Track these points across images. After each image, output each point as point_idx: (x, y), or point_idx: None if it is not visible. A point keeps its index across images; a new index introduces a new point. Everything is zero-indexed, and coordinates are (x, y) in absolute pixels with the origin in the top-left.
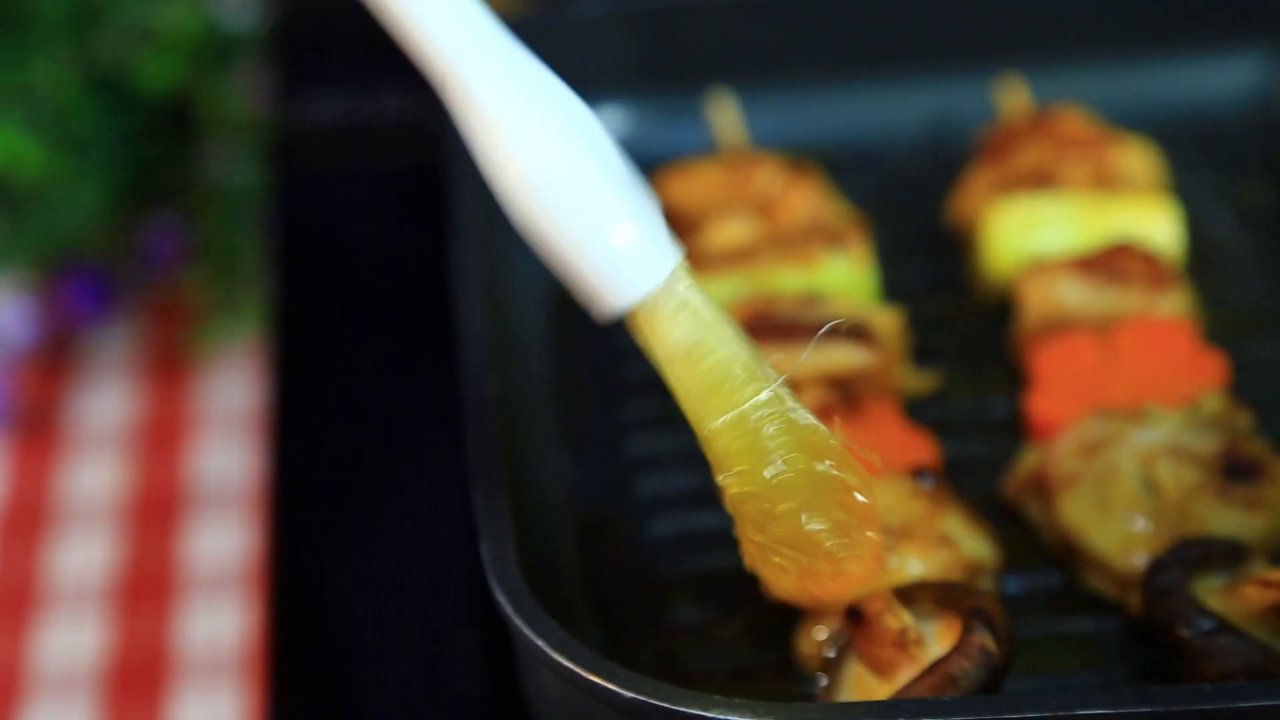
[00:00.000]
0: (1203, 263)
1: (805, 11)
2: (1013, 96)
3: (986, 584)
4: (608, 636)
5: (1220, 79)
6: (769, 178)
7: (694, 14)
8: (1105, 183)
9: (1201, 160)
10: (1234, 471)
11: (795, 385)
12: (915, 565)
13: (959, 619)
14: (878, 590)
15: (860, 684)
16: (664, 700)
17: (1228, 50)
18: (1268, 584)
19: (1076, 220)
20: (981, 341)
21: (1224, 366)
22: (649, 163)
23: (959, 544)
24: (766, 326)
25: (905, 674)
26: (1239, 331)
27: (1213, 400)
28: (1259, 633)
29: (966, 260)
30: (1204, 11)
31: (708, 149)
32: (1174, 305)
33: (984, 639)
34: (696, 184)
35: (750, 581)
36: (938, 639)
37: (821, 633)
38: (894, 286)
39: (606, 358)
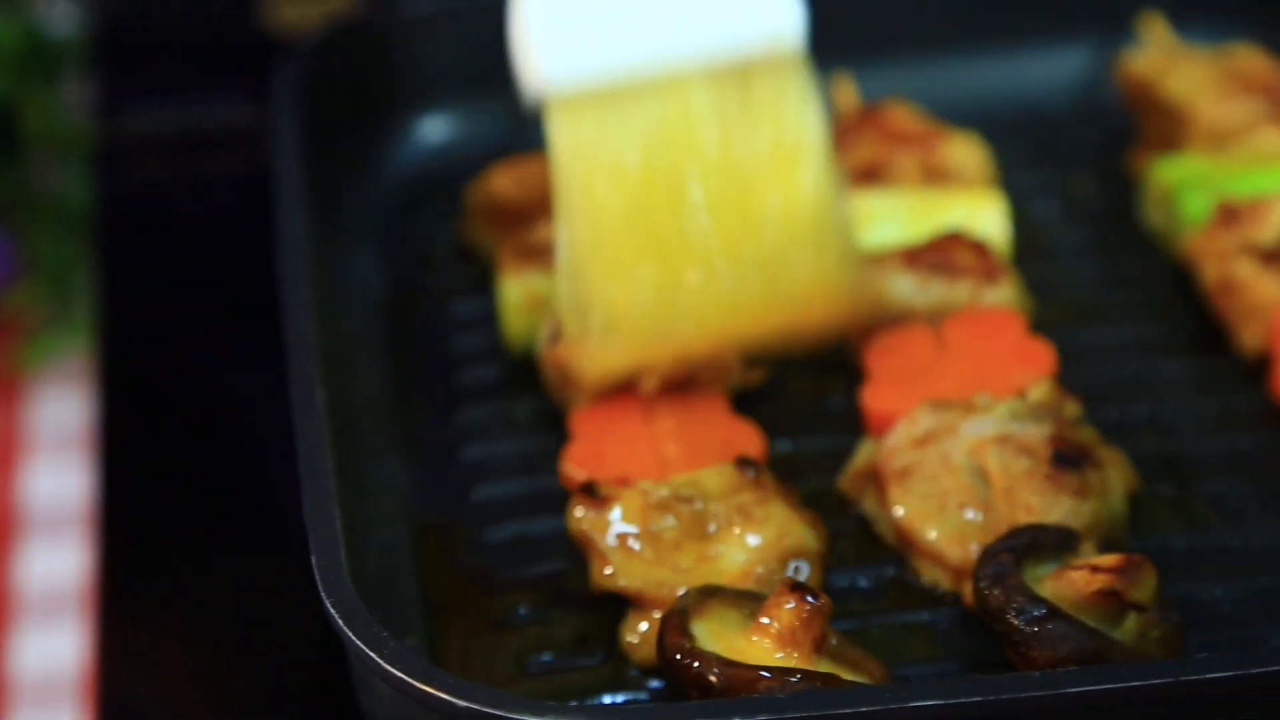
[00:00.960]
0: (1031, 253)
1: None
2: (842, 94)
3: (809, 570)
4: (444, 643)
5: (1047, 72)
6: None
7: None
8: (934, 177)
9: (1029, 153)
10: (1062, 459)
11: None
12: (737, 552)
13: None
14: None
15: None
16: (497, 708)
17: (1055, 44)
18: (1096, 569)
19: (906, 214)
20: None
21: (1052, 356)
22: (483, 163)
23: (781, 531)
24: None
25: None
26: (1067, 321)
27: (1041, 389)
28: (1088, 618)
29: None
30: (1030, 7)
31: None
32: (1002, 296)
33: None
34: (525, 178)
35: (585, 585)
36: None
37: (641, 626)
38: None
39: (442, 365)
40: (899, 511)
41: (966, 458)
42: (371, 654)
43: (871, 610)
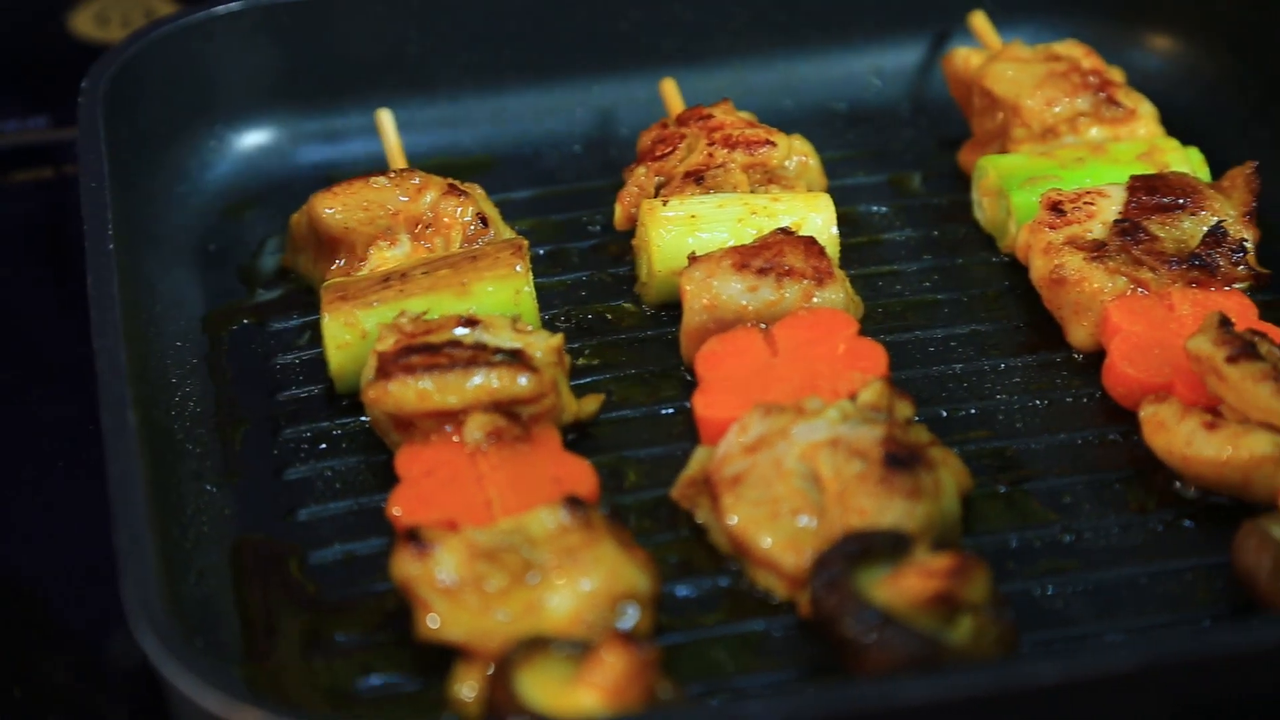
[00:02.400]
0: (862, 253)
1: (460, 13)
2: (671, 98)
3: (640, 614)
4: (268, 670)
5: (877, 72)
6: (426, 198)
7: (343, 11)
8: (763, 178)
9: (860, 152)
10: (894, 461)
11: (459, 411)
12: (566, 598)
13: None
14: None
15: None
16: None
17: (884, 44)
18: (929, 573)
19: (736, 217)
20: (653, 344)
21: (883, 356)
22: (302, 177)
23: (611, 574)
24: (424, 351)
25: None
26: (899, 320)
27: (872, 390)
28: (924, 621)
29: (634, 262)
30: (859, 7)
31: (364, 163)
32: (832, 298)
33: None
34: (351, 205)
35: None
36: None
37: (471, 680)
38: (564, 295)
39: (265, 384)
40: (732, 520)
41: (799, 462)
42: (187, 685)
43: (707, 622)
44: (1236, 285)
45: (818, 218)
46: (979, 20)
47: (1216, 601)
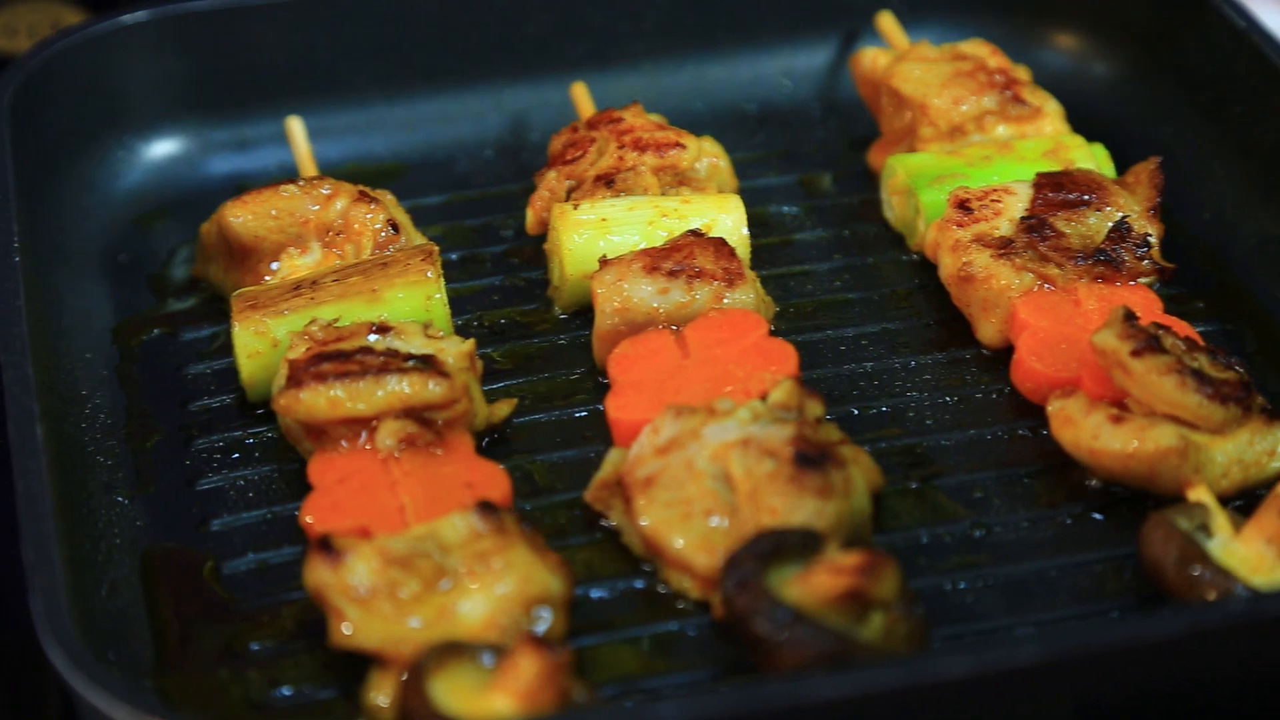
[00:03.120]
0: (773, 253)
1: (370, 20)
2: (581, 101)
3: (553, 617)
4: (181, 681)
5: (787, 73)
6: (337, 206)
7: (252, 19)
8: (674, 180)
9: (771, 153)
10: (804, 460)
11: (371, 418)
12: (479, 603)
13: None
14: None
15: None
16: None
17: (794, 45)
18: (840, 570)
19: (646, 219)
20: (566, 347)
21: (793, 356)
22: (212, 187)
23: (524, 578)
24: (335, 359)
25: None
26: (810, 320)
27: (782, 390)
28: (834, 619)
29: (546, 266)
30: (768, 9)
31: (275, 172)
32: (743, 298)
33: None
34: (262, 213)
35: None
36: None
37: (385, 686)
38: (477, 300)
39: (176, 394)
40: (644, 522)
41: (710, 463)
42: (99, 699)
43: (621, 624)
44: (1142, 280)
45: (728, 219)
46: (886, 20)
47: (1125, 593)
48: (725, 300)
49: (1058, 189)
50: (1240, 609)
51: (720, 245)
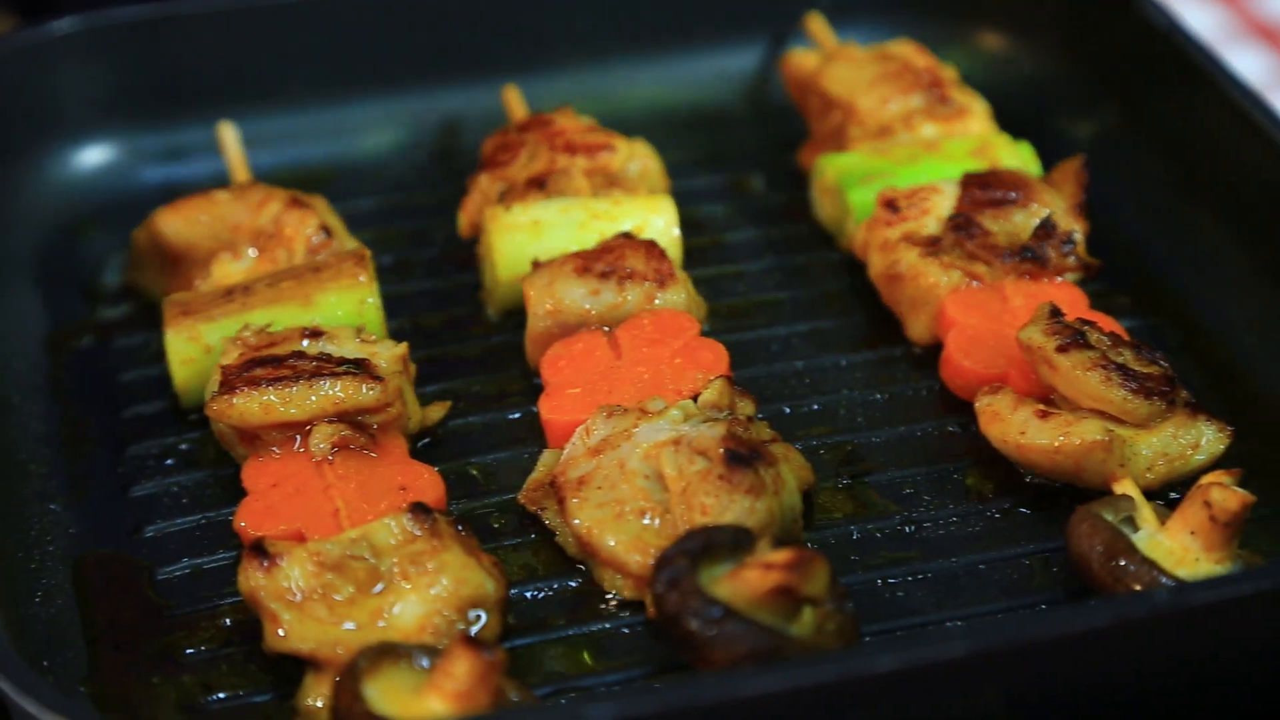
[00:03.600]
0: (705, 254)
1: (301, 27)
2: (512, 105)
3: (488, 618)
4: (116, 687)
5: (717, 75)
6: (269, 211)
7: (184, 27)
8: (605, 183)
9: (702, 155)
10: (735, 458)
11: (305, 423)
12: (413, 605)
13: None
14: None
15: None
16: None
17: (724, 46)
18: (769, 567)
19: (578, 222)
20: (499, 349)
21: (724, 356)
22: (144, 194)
23: (458, 580)
24: (267, 364)
25: None
26: (741, 320)
27: (713, 389)
28: (765, 615)
29: (479, 270)
30: (698, 11)
31: (207, 178)
32: (674, 299)
33: None
34: (194, 220)
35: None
36: None
37: (321, 689)
38: (410, 303)
39: (109, 401)
40: (578, 522)
41: (643, 463)
42: (33, 707)
43: (555, 623)
44: (1067, 276)
45: (659, 220)
46: (815, 22)
47: (1053, 586)
48: (657, 301)
49: (984, 187)
50: (1164, 600)
51: (651, 247)
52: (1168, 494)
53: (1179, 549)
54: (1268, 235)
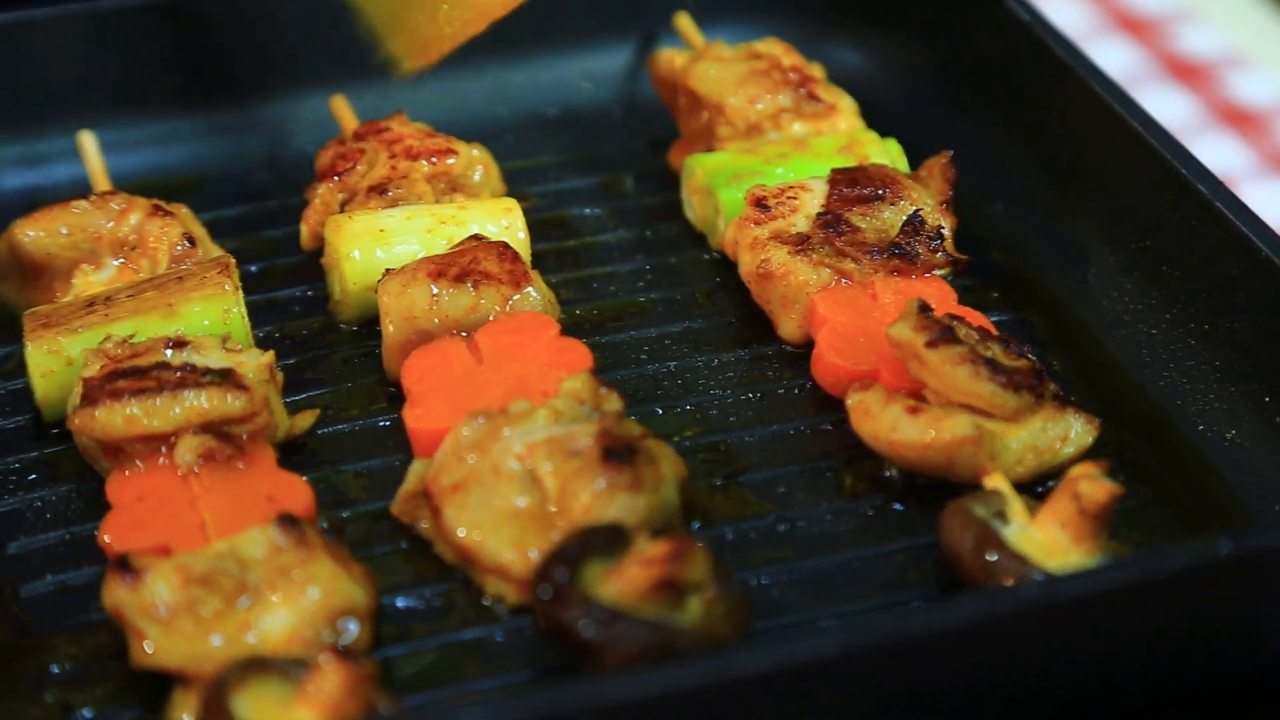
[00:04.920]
0: (576, 255)
1: (163, 33)
2: (341, 114)
3: (359, 629)
4: None
5: (587, 75)
6: (131, 221)
7: (41, 33)
8: (448, 187)
9: (573, 155)
10: (612, 455)
11: (169, 434)
12: (282, 617)
13: None
14: None
15: None
16: None
17: (594, 47)
18: (649, 561)
19: (425, 227)
20: (367, 357)
21: (587, 354)
22: (3, 204)
23: (327, 590)
24: (131, 375)
25: None
26: (613, 321)
27: (575, 384)
28: (651, 610)
29: (329, 279)
30: (566, 12)
31: (68, 188)
32: (530, 301)
33: None
34: (54, 230)
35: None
36: None
37: (188, 714)
38: (278, 311)
39: None
40: (455, 530)
41: (516, 465)
42: None
43: (435, 631)
44: (936, 272)
45: (507, 222)
46: (683, 21)
47: (927, 582)
48: (512, 303)
49: (852, 184)
50: (1034, 593)
51: (503, 249)
52: (1038, 487)
53: (1049, 541)
54: (1134, 228)
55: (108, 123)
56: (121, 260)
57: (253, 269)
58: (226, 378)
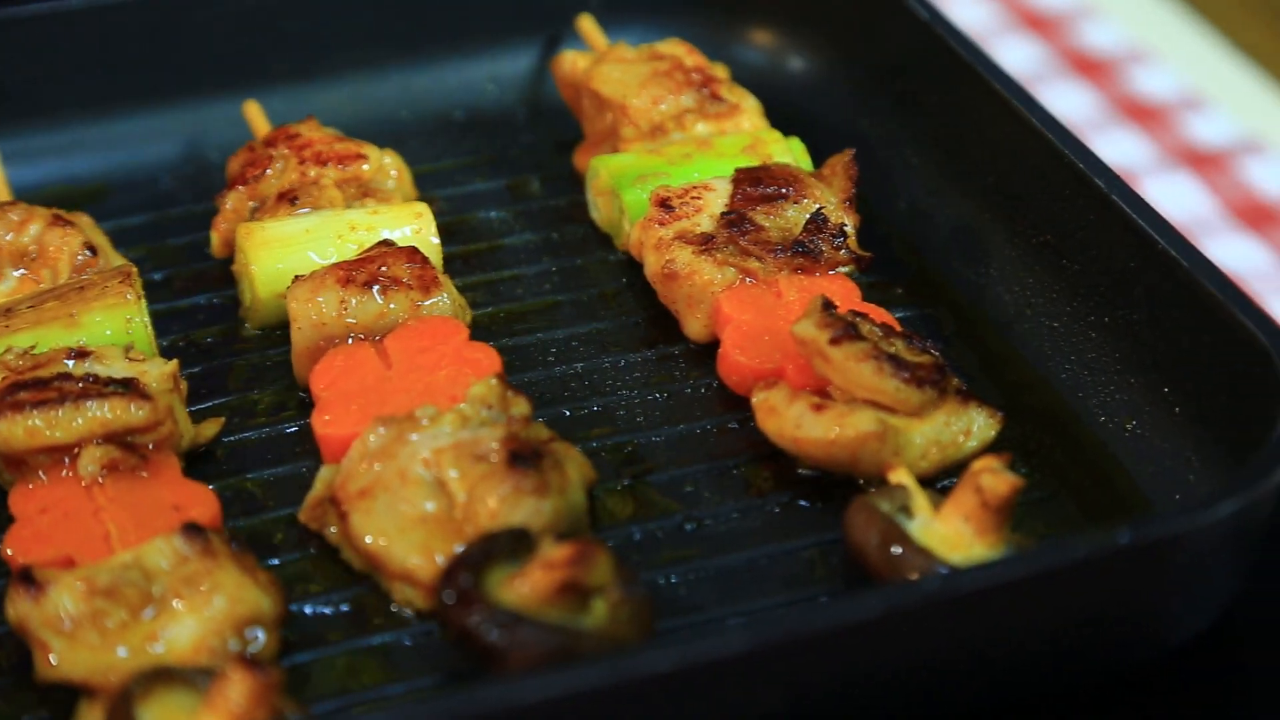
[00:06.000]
0: (482, 259)
1: (65, 40)
2: (254, 120)
3: (266, 637)
4: None
5: (492, 78)
6: (30, 231)
7: None
8: (359, 193)
9: (478, 158)
10: (519, 459)
11: (72, 445)
12: (188, 627)
13: None
14: None
15: None
16: None
17: (497, 49)
18: (552, 565)
19: (335, 233)
20: (273, 363)
21: (496, 358)
22: None
23: (233, 599)
24: (32, 387)
25: None
26: (519, 324)
27: (482, 389)
28: (554, 614)
29: (239, 286)
30: (470, 15)
31: None
32: (440, 305)
33: None
34: None
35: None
36: None
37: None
38: (182, 319)
39: None
40: (361, 536)
41: (424, 471)
42: None
43: (337, 638)
44: (840, 269)
45: (416, 226)
46: (586, 23)
47: (833, 578)
48: (422, 308)
49: (756, 184)
50: (936, 587)
51: (413, 254)
52: (941, 482)
53: (953, 535)
54: (1034, 223)
55: (10, 131)
56: (22, 271)
57: (158, 277)
58: (129, 387)
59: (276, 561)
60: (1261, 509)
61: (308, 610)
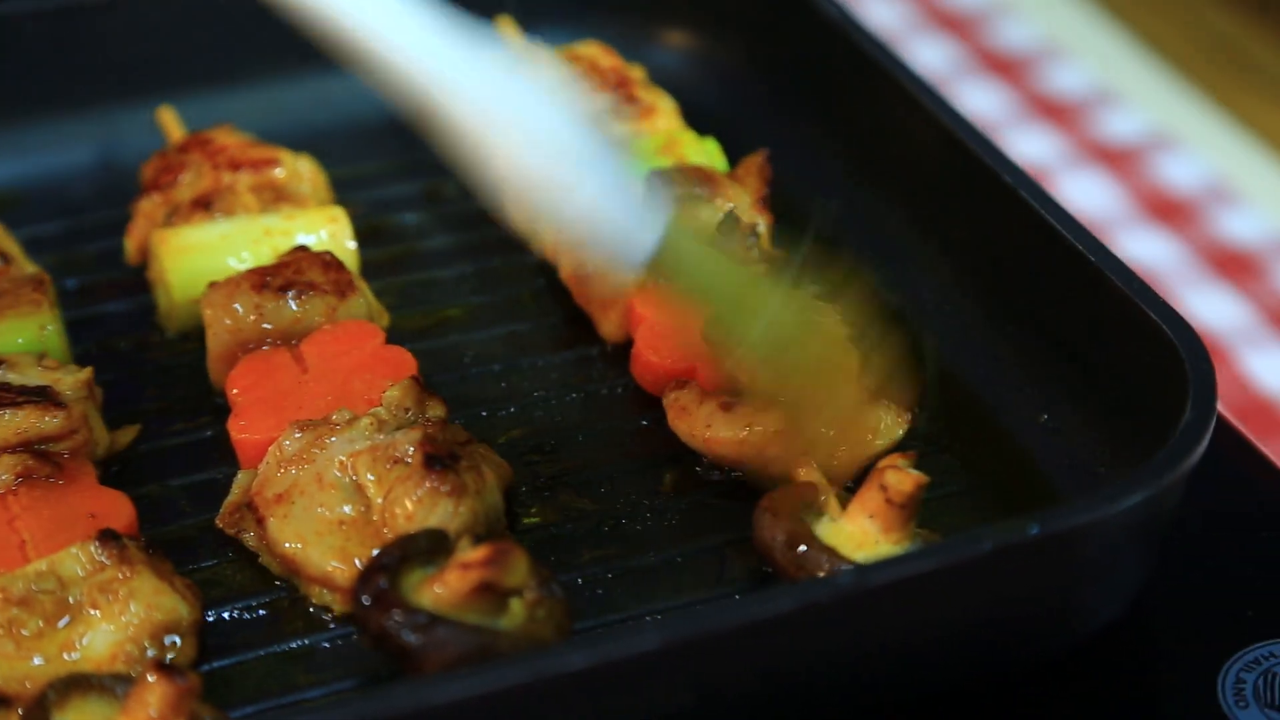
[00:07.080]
0: (399, 263)
1: None
2: (168, 126)
3: (184, 642)
4: None
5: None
6: None
7: None
8: (274, 198)
9: (396, 163)
10: (434, 461)
11: None
12: (104, 634)
13: None
14: None
15: None
16: None
17: None
18: (467, 566)
19: (249, 238)
20: (189, 369)
21: (411, 361)
22: None
23: (150, 605)
24: None
25: None
26: (436, 327)
27: (397, 391)
28: (471, 616)
29: (155, 293)
30: None
31: None
32: (355, 309)
33: None
34: None
35: None
36: None
37: None
38: (98, 326)
39: None
40: (279, 541)
41: (340, 474)
42: None
43: (257, 642)
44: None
45: (332, 231)
46: (504, 25)
47: (747, 576)
48: (338, 312)
49: (669, 184)
50: (848, 582)
51: (329, 259)
52: (849, 483)
53: (859, 533)
54: (948, 221)
55: None
56: None
57: (71, 285)
58: (43, 396)
59: (194, 567)
60: (1169, 499)
61: (226, 615)
